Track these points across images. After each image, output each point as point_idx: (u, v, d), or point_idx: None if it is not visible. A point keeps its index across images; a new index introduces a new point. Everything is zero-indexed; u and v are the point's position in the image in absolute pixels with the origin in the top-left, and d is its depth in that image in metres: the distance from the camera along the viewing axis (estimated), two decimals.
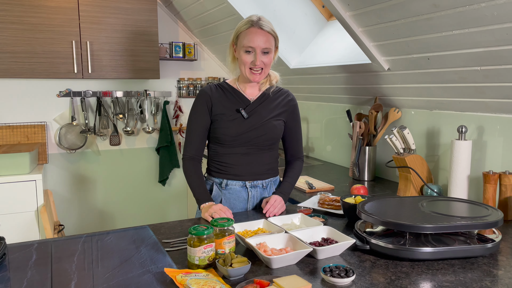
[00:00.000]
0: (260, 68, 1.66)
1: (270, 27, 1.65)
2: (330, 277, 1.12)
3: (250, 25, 1.63)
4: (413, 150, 2.06)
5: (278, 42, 1.71)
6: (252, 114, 1.72)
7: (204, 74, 4.00)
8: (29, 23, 2.99)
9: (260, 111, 1.74)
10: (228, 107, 1.72)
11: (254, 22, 1.63)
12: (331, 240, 1.37)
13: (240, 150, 1.73)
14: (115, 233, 1.49)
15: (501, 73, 1.66)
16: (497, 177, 1.73)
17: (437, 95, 2.06)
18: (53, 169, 3.50)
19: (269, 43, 1.64)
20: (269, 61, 1.67)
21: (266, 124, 1.73)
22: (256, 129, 1.71)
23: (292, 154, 1.87)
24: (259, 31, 1.62)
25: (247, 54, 1.64)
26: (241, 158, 1.74)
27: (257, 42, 1.62)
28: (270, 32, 1.64)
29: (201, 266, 1.20)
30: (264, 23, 1.64)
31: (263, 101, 1.76)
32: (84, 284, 1.10)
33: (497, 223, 1.32)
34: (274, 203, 1.69)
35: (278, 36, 1.70)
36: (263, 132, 1.72)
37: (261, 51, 1.63)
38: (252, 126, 1.71)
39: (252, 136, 1.72)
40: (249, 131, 1.71)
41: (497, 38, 1.53)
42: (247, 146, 1.73)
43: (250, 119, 1.71)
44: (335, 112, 2.96)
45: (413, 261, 1.28)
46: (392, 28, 1.87)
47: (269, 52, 1.65)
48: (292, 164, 1.86)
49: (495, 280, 1.16)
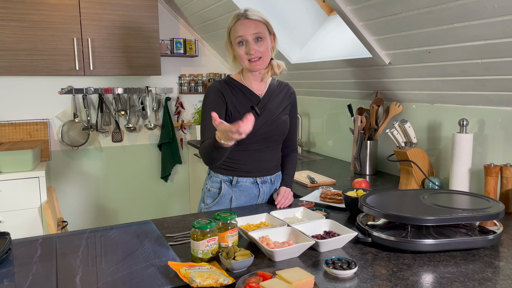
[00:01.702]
0: (257, 56, 1.63)
1: (257, 15, 1.62)
2: (332, 269, 1.13)
3: (237, 19, 1.62)
4: (414, 143, 2.06)
5: (272, 28, 1.68)
6: (263, 110, 1.71)
7: (205, 70, 4.00)
8: (30, 20, 3.00)
9: (270, 107, 1.73)
10: (242, 104, 1.70)
11: (240, 14, 1.62)
12: (333, 233, 1.38)
13: (252, 147, 1.73)
14: (118, 228, 1.51)
15: (502, 66, 1.66)
16: (498, 170, 1.73)
17: (438, 88, 2.06)
18: (56, 166, 3.51)
19: (259, 28, 1.61)
20: (265, 48, 1.63)
21: (276, 120, 1.73)
22: (268, 125, 1.71)
23: (288, 146, 1.88)
24: (245, 21, 1.60)
25: (241, 46, 1.63)
26: (253, 155, 1.74)
27: (245, 30, 1.60)
28: (258, 19, 1.62)
29: (205, 259, 1.21)
30: (250, 13, 1.62)
31: (271, 96, 1.75)
32: (89, 278, 1.11)
33: (498, 215, 1.32)
34: (285, 194, 1.74)
35: (280, 31, 1.70)
36: (275, 128, 1.73)
37: (252, 39, 1.60)
38: (264, 123, 1.71)
39: (264, 133, 1.71)
40: (261, 128, 1.70)
41: (497, 30, 1.53)
42: (259, 143, 1.73)
43: (262, 116, 1.70)
44: (337, 106, 2.97)
45: (415, 253, 1.29)
46: (393, 22, 1.87)
47: (263, 38, 1.62)
48: (288, 156, 1.88)
49: (497, 271, 1.17)
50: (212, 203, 1.77)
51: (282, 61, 1.76)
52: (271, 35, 1.68)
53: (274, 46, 1.72)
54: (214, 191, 1.78)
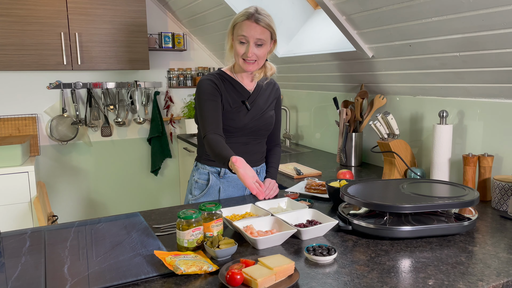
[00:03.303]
0: (253, 59, 1.66)
1: (266, 22, 1.62)
2: (313, 255, 1.18)
3: (246, 18, 1.62)
4: (397, 135, 2.11)
5: (275, 35, 1.69)
6: (252, 105, 1.77)
7: (194, 64, 4.02)
8: (17, 15, 2.99)
9: (259, 102, 1.79)
10: (234, 98, 1.74)
11: (251, 15, 1.62)
12: (315, 222, 1.42)
13: (240, 140, 1.79)
14: (106, 219, 1.54)
15: (479, 59, 1.71)
16: (476, 159, 1.79)
17: (419, 81, 2.11)
18: (45, 160, 3.52)
19: (263, 35, 1.63)
20: (263, 54, 1.66)
21: (264, 115, 1.80)
22: (257, 120, 1.77)
23: (272, 140, 1.93)
24: (253, 24, 1.61)
25: (241, 45, 1.65)
26: (240, 148, 1.78)
27: (250, 33, 1.61)
28: (266, 27, 1.63)
29: (190, 248, 1.25)
30: (260, 17, 1.61)
31: (259, 91, 1.81)
32: (77, 267, 1.15)
33: (473, 202, 1.38)
34: (270, 185, 1.77)
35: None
36: (262, 122, 1.79)
37: (254, 42, 1.62)
38: (253, 117, 1.77)
39: (253, 127, 1.77)
40: (251, 122, 1.76)
41: (473, 24, 1.58)
42: (247, 136, 1.79)
43: (252, 110, 1.76)
44: (324, 100, 3.01)
45: (393, 239, 1.34)
46: (375, 16, 1.91)
47: (263, 45, 1.65)
48: (273, 150, 1.94)
49: (470, 255, 1.23)
50: (200, 194, 1.82)
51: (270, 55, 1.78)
52: (272, 41, 1.71)
53: (272, 50, 1.75)
54: (202, 183, 1.83)
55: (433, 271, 1.13)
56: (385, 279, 1.08)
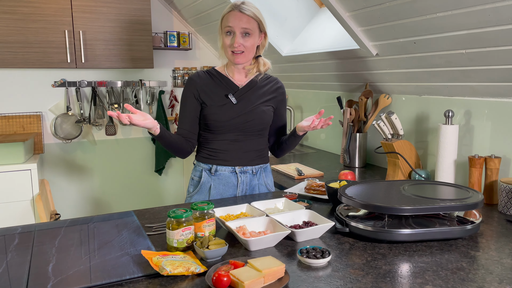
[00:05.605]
0: (240, 50, 1.64)
1: (252, 11, 1.63)
2: (306, 258, 1.13)
3: (231, 9, 1.64)
4: (401, 135, 2.05)
5: (264, 27, 1.68)
6: (241, 99, 1.72)
7: (199, 63, 3.99)
8: (22, 12, 2.99)
9: (249, 97, 1.74)
10: (217, 93, 1.73)
11: (236, 5, 1.63)
12: (311, 223, 1.37)
13: (229, 136, 1.74)
14: (99, 217, 1.51)
15: (486, 56, 1.64)
16: (483, 161, 1.72)
17: (425, 80, 2.05)
18: (50, 159, 3.52)
19: (249, 24, 1.63)
20: (250, 45, 1.65)
21: (255, 110, 1.74)
22: (245, 114, 1.72)
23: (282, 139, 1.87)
24: (238, 13, 1.62)
25: (227, 36, 1.65)
26: (230, 144, 1.75)
27: (235, 22, 1.61)
28: (251, 16, 1.63)
29: (180, 248, 1.21)
30: (245, 6, 1.63)
31: (252, 87, 1.76)
32: (61, 265, 1.12)
33: (477, 205, 1.32)
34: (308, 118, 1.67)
35: (271, 23, 1.69)
36: (252, 117, 1.73)
37: (240, 32, 1.62)
38: (241, 112, 1.71)
39: (241, 122, 1.72)
40: (238, 117, 1.71)
41: (479, 19, 1.51)
42: (236, 132, 1.74)
43: (239, 104, 1.72)
44: (329, 100, 2.96)
45: (391, 243, 1.28)
46: (378, 12, 1.86)
47: (250, 35, 1.64)
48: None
49: (471, 261, 1.17)
50: (194, 191, 1.81)
51: (274, 54, 1.76)
52: (262, 33, 1.70)
53: (264, 44, 1.73)
54: (196, 180, 1.81)
55: (431, 276, 1.07)
56: (379, 284, 1.03)
